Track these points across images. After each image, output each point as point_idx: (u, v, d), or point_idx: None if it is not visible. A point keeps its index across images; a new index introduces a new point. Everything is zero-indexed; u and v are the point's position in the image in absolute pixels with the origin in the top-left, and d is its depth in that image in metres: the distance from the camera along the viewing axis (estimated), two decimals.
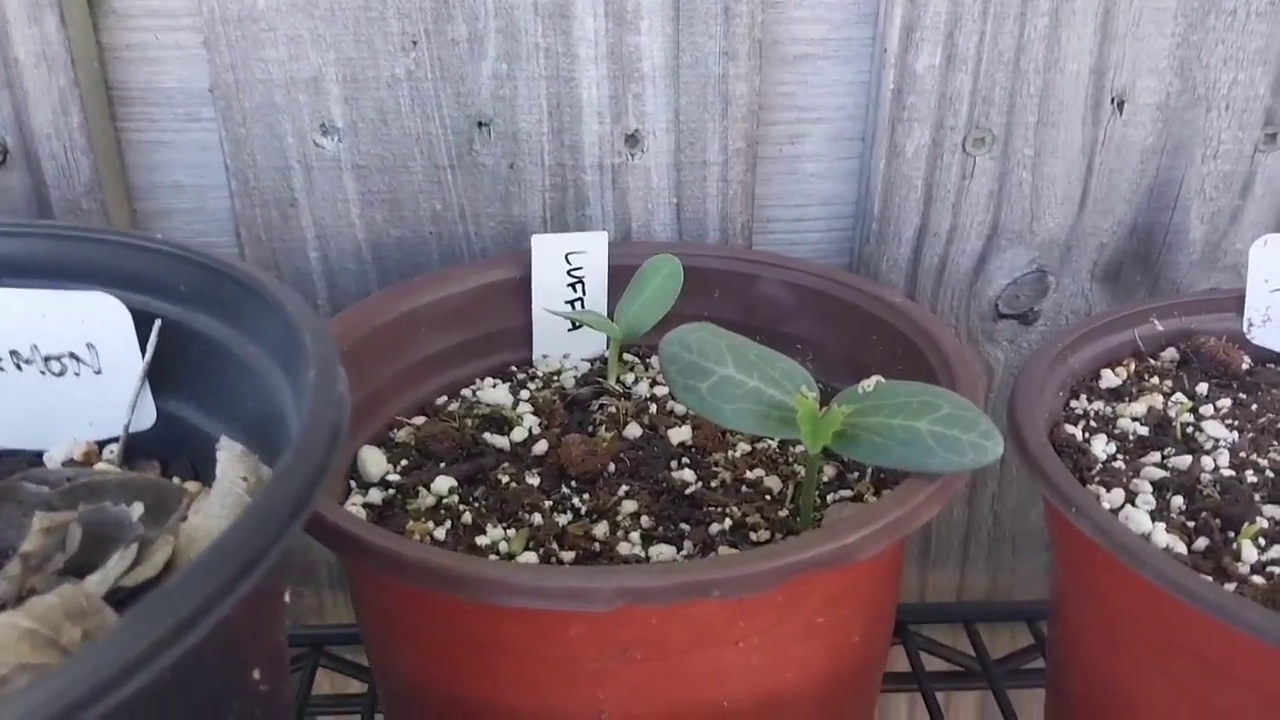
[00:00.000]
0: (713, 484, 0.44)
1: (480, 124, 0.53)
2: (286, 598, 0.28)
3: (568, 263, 0.51)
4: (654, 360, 0.52)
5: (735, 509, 0.42)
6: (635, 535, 0.40)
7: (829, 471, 0.44)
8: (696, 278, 0.51)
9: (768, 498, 0.43)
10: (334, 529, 0.33)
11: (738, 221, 0.56)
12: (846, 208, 0.58)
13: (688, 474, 0.44)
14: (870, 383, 0.36)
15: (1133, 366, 0.47)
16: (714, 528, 0.41)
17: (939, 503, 0.35)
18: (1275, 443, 0.42)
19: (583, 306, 0.52)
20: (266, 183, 0.54)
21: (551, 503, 0.42)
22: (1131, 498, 0.39)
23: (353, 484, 0.44)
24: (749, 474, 0.44)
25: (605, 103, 0.53)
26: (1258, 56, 0.54)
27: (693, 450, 0.46)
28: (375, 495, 0.43)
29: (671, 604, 0.31)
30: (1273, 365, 0.48)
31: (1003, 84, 0.53)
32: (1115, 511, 0.38)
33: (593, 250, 0.51)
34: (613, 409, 0.48)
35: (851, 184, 0.57)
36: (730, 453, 0.46)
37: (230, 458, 0.29)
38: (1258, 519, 0.37)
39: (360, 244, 0.55)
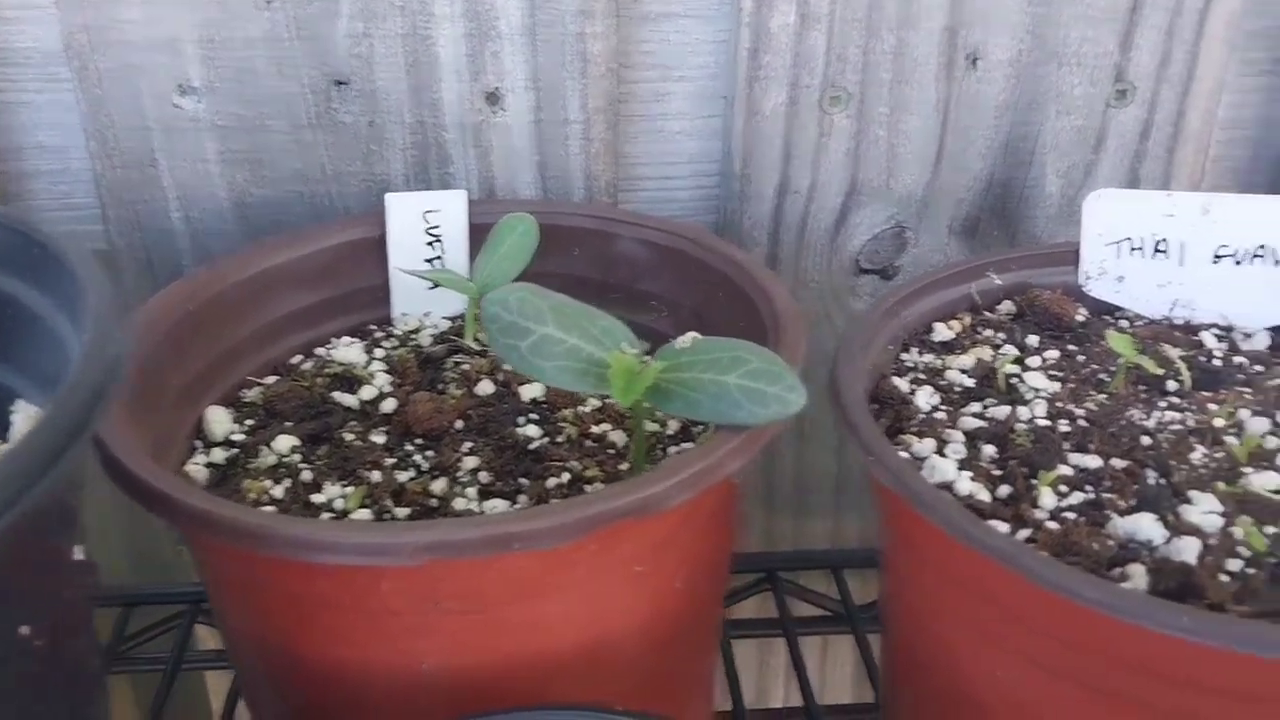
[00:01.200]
0: (558, 439, 0.45)
1: (338, 83, 0.53)
2: (79, 555, 0.29)
3: (425, 221, 0.51)
4: None
5: (576, 464, 0.43)
6: (472, 491, 0.41)
7: (674, 426, 0.46)
8: (556, 236, 0.52)
9: (611, 452, 0.44)
10: (147, 489, 0.34)
11: (602, 180, 0.56)
12: (712, 165, 0.58)
13: (533, 430, 0.45)
14: (687, 339, 0.38)
15: (967, 320, 0.48)
16: (551, 482, 0.42)
17: (746, 453, 0.36)
18: (1094, 393, 0.44)
19: (442, 265, 0.52)
20: (126, 144, 0.53)
21: (395, 460, 0.43)
22: (941, 447, 0.40)
23: (198, 444, 0.44)
24: (595, 429, 0.45)
25: (463, 61, 0.53)
26: (1107, 14, 0.55)
27: (543, 406, 0.47)
28: (219, 455, 0.44)
29: (475, 557, 0.32)
30: (1108, 317, 0.49)
31: (857, 42, 0.54)
32: (921, 461, 0.39)
33: (450, 208, 0.52)
34: (466, 366, 0.48)
35: (717, 142, 0.58)
36: (579, 408, 0.46)
37: (25, 419, 0.30)
38: (1060, 466, 0.39)
39: (224, 204, 0.55)
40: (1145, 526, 0.36)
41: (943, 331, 0.47)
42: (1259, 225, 0.46)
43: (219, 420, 0.45)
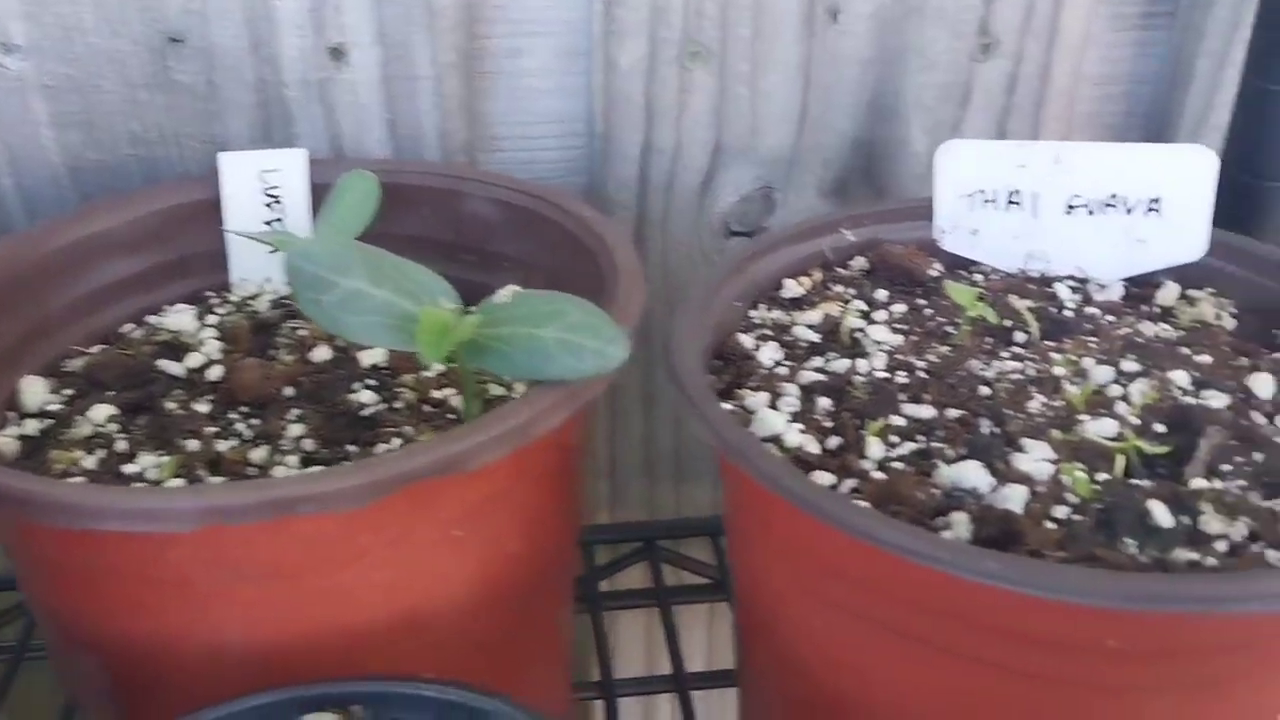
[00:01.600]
0: (396, 405, 0.43)
1: (173, 40, 0.51)
2: None
3: (263, 182, 0.49)
4: None
5: (411, 429, 0.41)
6: (294, 459, 0.39)
7: (520, 388, 0.44)
8: (403, 195, 0.50)
9: (451, 417, 0.42)
10: None
11: (458, 138, 0.54)
12: (579, 125, 0.57)
13: (368, 396, 0.43)
14: (508, 291, 0.36)
15: (818, 276, 0.47)
16: (381, 448, 0.40)
17: (564, 410, 0.35)
18: (938, 345, 0.43)
19: (282, 227, 0.50)
20: None
21: (216, 429, 0.41)
22: (775, 401, 0.39)
23: (11, 415, 0.42)
24: (437, 394, 0.44)
25: (304, 15, 0.51)
26: None
27: (384, 372, 0.45)
28: (31, 426, 0.42)
29: (257, 521, 0.30)
30: (963, 271, 0.49)
31: None
32: (751, 414, 0.38)
33: (289, 169, 0.49)
34: (304, 332, 0.47)
35: (583, 101, 0.56)
36: (422, 373, 0.45)
37: None
38: (893, 417, 0.38)
39: (57, 168, 0.52)
40: (970, 474, 0.35)
41: (793, 288, 0.46)
42: (1110, 174, 0.46)
43: (33, 390, 0.43)
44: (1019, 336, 0.43)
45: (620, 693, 0.53)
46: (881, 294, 0.46)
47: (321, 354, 0.46)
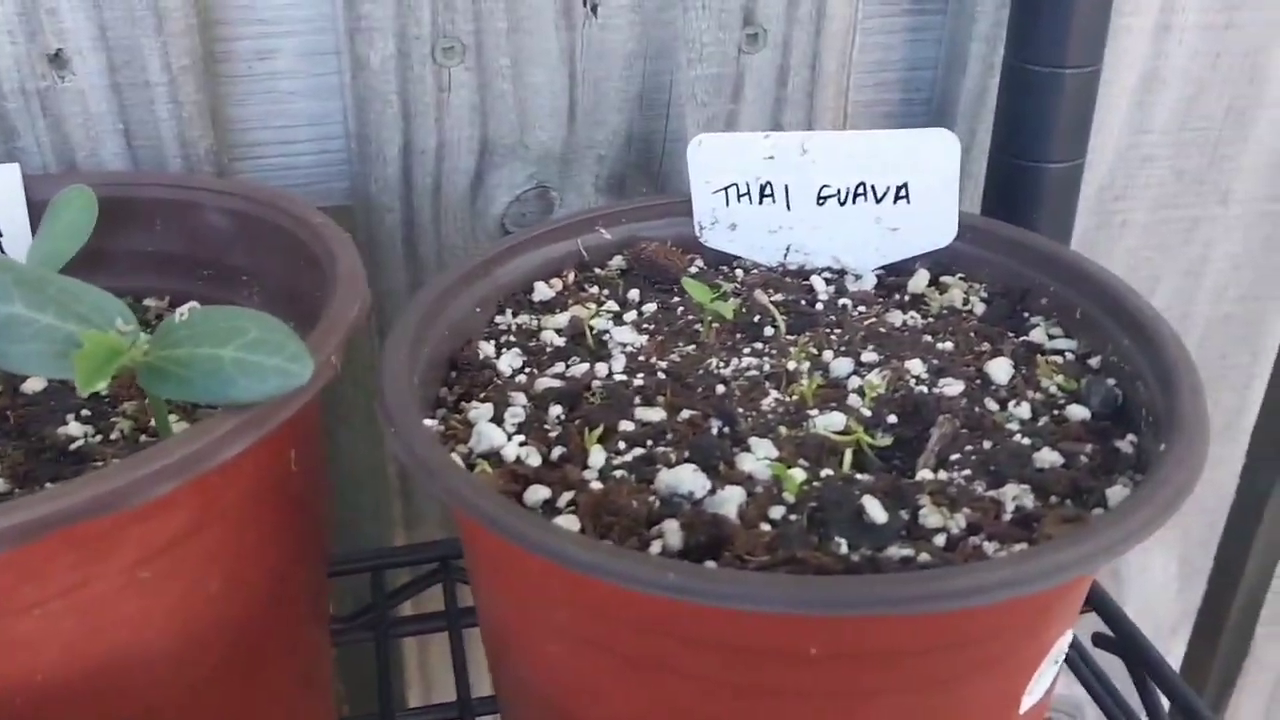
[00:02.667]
0: (111, 436, 0.40)
1: None
2: None
3: None
4: None
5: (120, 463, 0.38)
6: None
7: None
8: (133, 209, 0.47)
9: None
10: None
11: (200, 146, 0.51)
12: (336, 127, 0.54)
13: (76, 428, 0.40)
14: (185, 310, 0.33)
15: (571, 277, 0.45)
16: None
17: (247, 436, 0.32)
18: (683, 344, 0.41)
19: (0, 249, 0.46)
20: None
21: None
22: (501, 412, 0.37)
23: None
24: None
25: (14, 20, 0.47)
26: None
27: (105, 401, 0.42)
28: None
29: None
30: (725, 267, 0.47)
31: None
32: (470, 427, 0.36)
33: (1, 185, 0.46)
34: None
35: (337, 102, 0.54)
36: (146, 401, 0.42)
37: None
38: (623, 422, 0.36)
39: None
40: (686, 479, 0.33)
41: (544, 290, 0.44)
42: (856, 162, 0.45)
43: None
44: (768, 332, 0.42)
45: None
46: (634, 294, 0.44)
47: (35, 385, 0.42)
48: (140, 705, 0.35)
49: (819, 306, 0.44)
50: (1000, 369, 0.39)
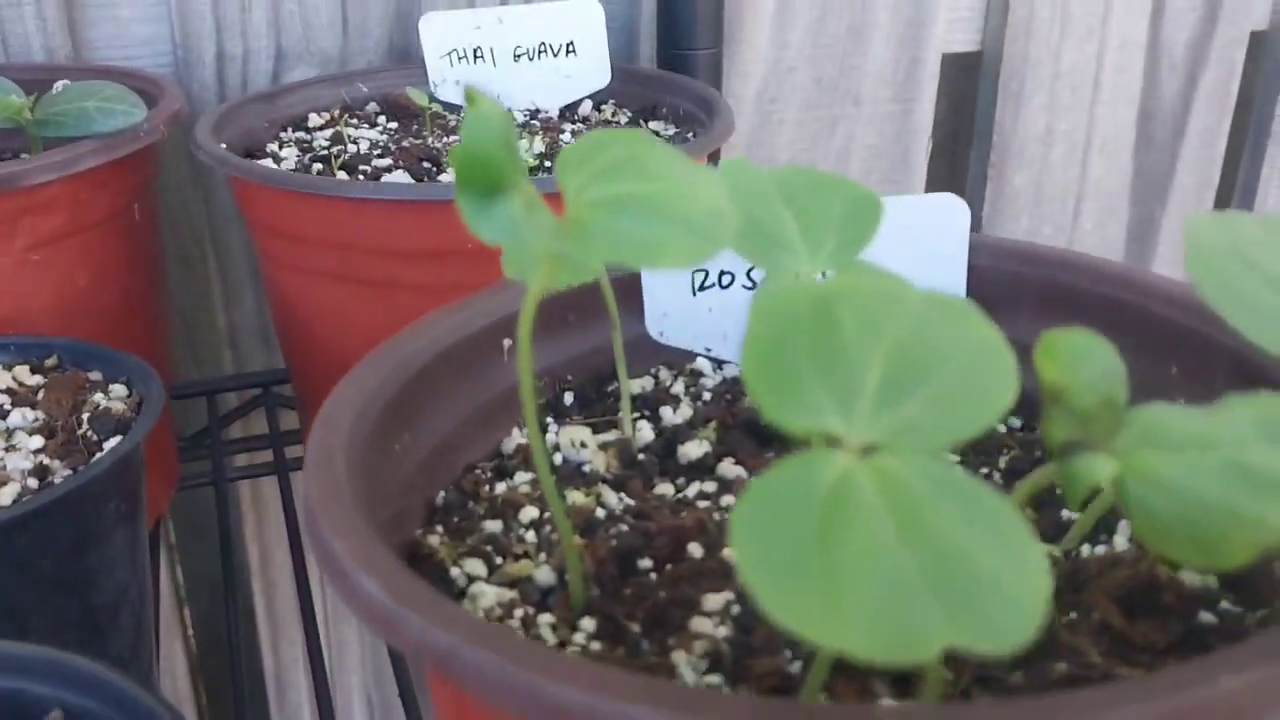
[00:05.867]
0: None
1: None
2: None
3: None
4: None
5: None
6: None
7: None
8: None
9: None
10: None
11: (61, 54, 0.68)
12: (165, 45, 0.72)
13: None
14: (59, 84, 0.51)
15: (337, 113, 0.64)
16: None
17: (103, 154, 0.50)
18: (411, 138, 0.60)
19: None
20: None
21: None
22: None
23: None
24: None
25: None
26: None
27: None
28: None
29: None
30: (452, 115, 0.67)
31: None
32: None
33: None
34: None
35: (165, 26, 0.71)
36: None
37: None
38: (362, 166, 0.55)
39: None
40: None
41: (315, 120, 0.63)
42: (538, 28, 0.65)
43: None
44: None
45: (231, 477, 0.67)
46: (383, 120, 0.63)
47: None
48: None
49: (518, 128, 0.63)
50: None
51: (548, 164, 0.56)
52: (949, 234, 0.37)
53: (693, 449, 0.35)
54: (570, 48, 0.65)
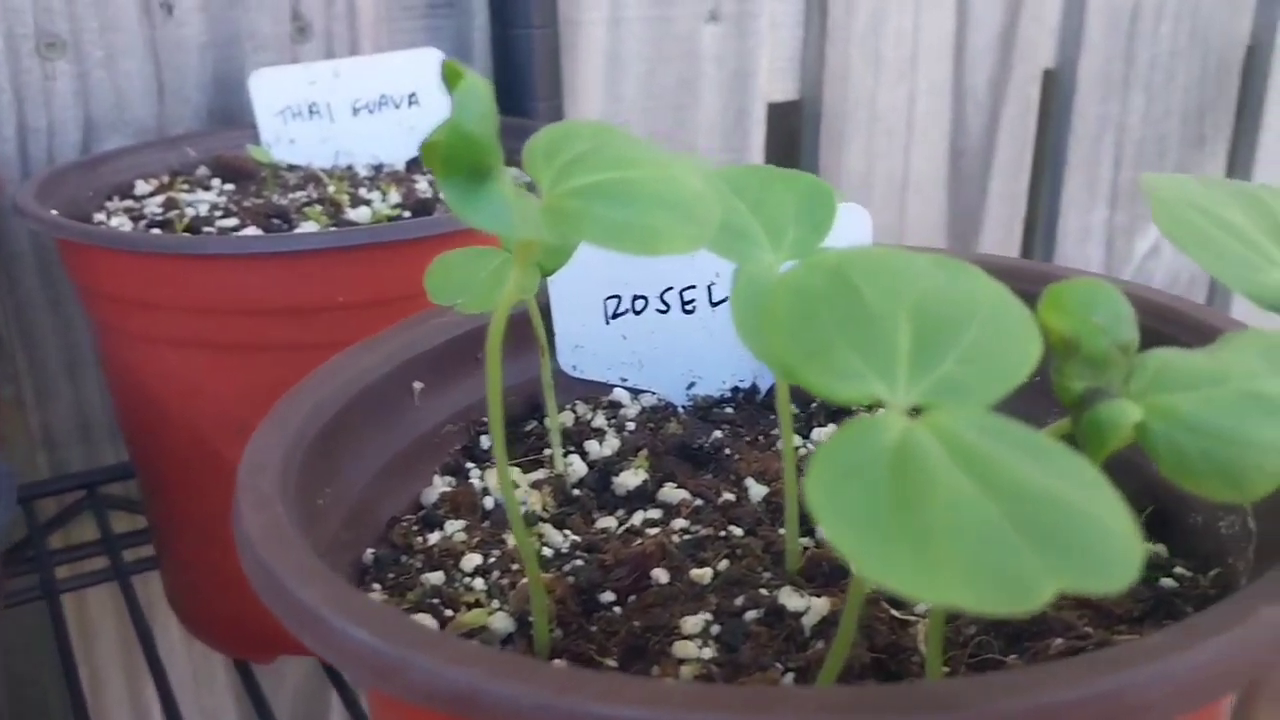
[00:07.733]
0: None
1: None
2: None
3: None
4: None
5: None
6: None
7: None
8: None
9: None
10: None
11: None
12: None
13: None
14: None
15: (167, 179, 0.60)
16: None
17: None
18: (255, 199, 0.57)
19: None
20: None
21: None
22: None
23: None
24: None
25: None
26: None
27: None
28: None
29: None
30: (292, 171, 0.63)
31: None
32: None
33: None
34: None
35: None
36: None
37: None
38: (213, 228, 0.51)
39: None
40: None
41: (143, 187, 0.58)
42: (377, 80, 0.63)
43: None
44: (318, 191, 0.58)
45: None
46: (216, 182, 0.59)
47: None
48: None
49: (361, 189, 0.60)
50: None
51: (406, 214, 0.54)
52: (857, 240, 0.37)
53: (629, 479, 0.33)
54: (413, 99, 0.63)
